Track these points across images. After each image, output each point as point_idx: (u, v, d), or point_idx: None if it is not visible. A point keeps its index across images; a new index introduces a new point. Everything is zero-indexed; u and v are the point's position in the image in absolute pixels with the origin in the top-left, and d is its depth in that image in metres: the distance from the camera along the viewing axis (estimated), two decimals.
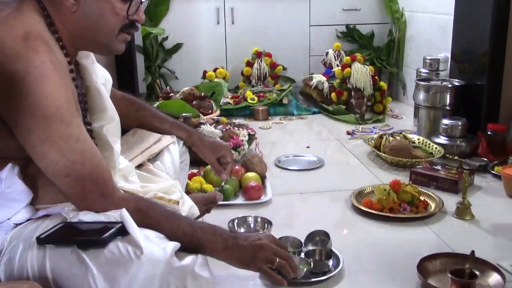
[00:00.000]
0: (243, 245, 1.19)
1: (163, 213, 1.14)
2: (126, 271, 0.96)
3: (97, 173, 1.06)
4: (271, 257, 1.21)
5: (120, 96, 1.51)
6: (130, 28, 1.18)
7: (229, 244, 1.17)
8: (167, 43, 3.84)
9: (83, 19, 1.12)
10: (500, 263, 1.50)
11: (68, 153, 1.02)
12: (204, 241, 1.14)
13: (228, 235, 1.20)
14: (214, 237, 1.16)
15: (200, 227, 1.16)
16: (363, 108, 3.36)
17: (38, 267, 0.99)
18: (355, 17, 3.97)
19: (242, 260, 1.19)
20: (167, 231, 1.10)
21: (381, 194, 1.92)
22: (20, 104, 0.99)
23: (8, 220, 1.07)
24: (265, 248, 1.21)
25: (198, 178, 2.04)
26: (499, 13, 2.40)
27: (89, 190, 1.05)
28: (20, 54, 0.99)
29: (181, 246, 1.10)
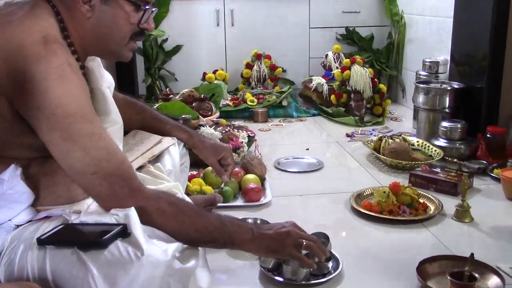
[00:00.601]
0: (269, 234, 1.21)
1: (192, 207, 1.16)
2: (126, 272, 0.97)
3: (123, 169, 1.06)
4: (298, 241, 1.24)
5: (121, 98, 1.51)
6: (139, 36, 1.20)
7: (256, 235, 1.19)
8: (167, 44, 3.84)
9: (96, 26, 1.13)
10: (500, 266, 1.50)
11: (92, 150, 1.02)
12: (232, 233, 1.16)
13: (253, 226, 1.23)
14: (240, 229, 1.18)
15: (228, 220, 1.18)
16: (362, 110, 3.37)
17: (38, 268, 0.99)
18: (354, 19, 3.98)
19: (271, 248, 1.22)
20: (199, 224, 1.12)
21: (380, 196, 1.92)
22: (42, 104, 1.00)
23: (9, 221, 1.08)
24: (292, 233, 1.24)
25: (198, 180, 2.04)
26: (499, 16, 2.40)
27: (118, 186, 1.05)
28: (40, 56, 1.01)
29: (212, 240, 1.14)
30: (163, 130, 1.59)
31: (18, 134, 1.07)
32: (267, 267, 1.48)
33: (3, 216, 1.07)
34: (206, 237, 1.13)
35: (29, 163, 1.09)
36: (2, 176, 1.08)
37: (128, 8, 1.14)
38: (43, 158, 1.14)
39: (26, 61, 1.00)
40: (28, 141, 1.09)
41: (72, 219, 1.07)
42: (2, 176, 1.08)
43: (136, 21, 1.16)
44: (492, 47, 2.44)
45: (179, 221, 1.09)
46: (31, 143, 1.10)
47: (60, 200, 1.13)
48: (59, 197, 1.13)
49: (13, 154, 1.10)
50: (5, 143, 1.09)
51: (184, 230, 1.10)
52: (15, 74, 1.00)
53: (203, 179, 2.09)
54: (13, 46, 1.02)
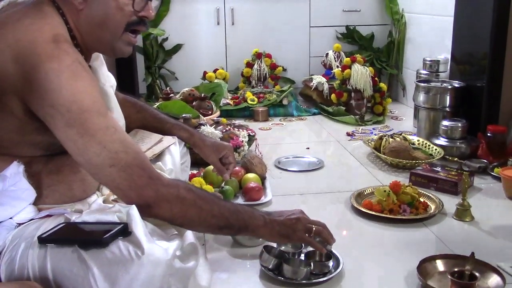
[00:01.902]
0: (280, 220, 1.27)
1: (208, 195, 1.18)
2: (127, 271, 0.97)
3: (141, 159, 1.08)
4: (308, 226, 1.31)
5: (121, 98, 1.52)
6: (138, 25, 1.18)
7: (267, 221, 1.24)
8: (167, 43, 3.84)
9: (90, 17, 1.13)
10: (500, 265, 1.50)
11: (109, 143, 1.03)
12: (247, 219, 1.20)
13: (264, 212, 1.28)
14: (253, 215, 1.22)
15: (241, 207, 1.23)
16: (363, 109, 3.36)
17: (39, 266, 0.99)
18: (355, 18, 3.98)
19: (283, 233, 1.27)
20: (217, 210, 1.14)
21: (381, 195, 1.92)
22: (56, 101, 1.01)
23: (11, 219, 1.08)
24: (301, 219, 1.30)
25: (198, 179, 2.04)
26: (499, 15, 2.40)
27: (137, 176, 1.06)
28: (53, 54, 1.02)
29: (229, 225, 1.17)
30: (163, 129, 1.59)
31: (27, 132, 1.08)
32: (268, 266, 1.48)
33: (5, 213, 1.07)
34: (223, 222, 1.16)
35: (32, 160, 1.09)
36: (4, 173, 1.08)
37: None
38: (47, 156, 1.15)
39: (38, 59, 1.01)
40: (37, 139, 1.10)
41: (74, 218, 1.07)
42: (5, 173, 1.08)
43: (128, 7, 1.14)
44: (493, 46, 2.44)
45: (197, 207, 1.10)
46: (39, 141, 1.11)
47: (62, 199, 1.13)
48: (61, 196, 1.13)
49: (17, 152, 1.10)
50: (13, 141, 1.10)
51: (202, 217, 1.12)
52: (27, 72, 1.01)
53: (203, 178, 2.08)
54: (24, 45, 1.02)
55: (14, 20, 1.06)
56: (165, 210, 1.08)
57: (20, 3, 1.13)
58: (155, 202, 1.07)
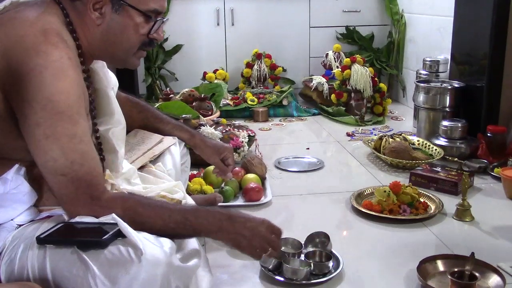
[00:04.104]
0: (239, 229, 1.17)
1: (153, 207, 1.11)
2: (127, 272, 0.97)
3: (93, 176, 1.05)
4: (265, 245, 1.20)
5: (123, 97, 1.52)
6: (148, 45, 1.20)
7: (224, 226, 1.15)
8: (167, 44, 3.84)
9: (105, 34, 1.13)
10: (500, 265, 1.50)
11: (69, 152, 1.02)
12: (197, 225, 1.13)
13: (224, 216, 1.17)
14: (206, 221, 1.14)
15: (192, 213, 1.14)
16: (363, 109, 3.37)
17: (38, 267, 0.99)
18: (355, 18, 3.98)
19: (237, 242, 1.18)
20: (159, 224, 1.09)
21: (381, 195, 1.92)
22: (33, 97, 1.00)
23: (12, 220, 1.08)
24: (262, 236, 1.19)
25: (198, 180, 2.04)
26: (499, 15, 2.40)
27: (81, 192, 1.04)
28: (40, 48, 1.00)
29: (177, 235, 1.11)
30: (164, 130, 1.59)
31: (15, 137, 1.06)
32: (268, 266, 1.48)
33: (6, 216, 1.07)
34: (170, 233, 1.10)
35: (33, 164, 1.09)
36: (6, 176, 1.08)
37: (139, 19, 1.13)
38: None
39: (26, 54, 1.00)
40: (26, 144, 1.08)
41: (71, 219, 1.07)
42: (6, 176, 1.08)
43: (145, 31, 1.15)
44: (493, 46, 2.44)
45: (137, 224, 1.06)
46: None
47: None
48: None
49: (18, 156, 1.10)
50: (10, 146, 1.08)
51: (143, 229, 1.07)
52: (13, 67, 1.00)
53: (203, 178, 2.09)
54: (14, 39, 1.01)
55: (11, 18, 1.05)
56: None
57: (23, 3, 1.12)
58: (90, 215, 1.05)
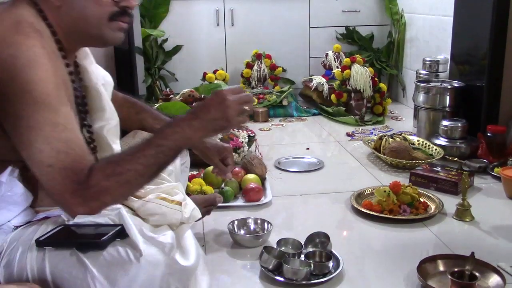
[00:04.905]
0: (209, 115, 1.12)
1: (126, 158, 1.07)
2: (126, 273, 0.97)
3: (79, 163, 1.02)
4: (239, 108, 1.14)
5: (121, 98, 1.51)
6: (122, 16, 1.15)
7: (195, 125, 1.11)
8: (167, 45, 3.84)
9: (69, 13, 1.11)
10: (500, 265, 1.50)
11: (54, 141, 1.00)
12: (172, 144, 1.08)
13: (188, 119, 1.12)
14: (177, 134, 1.09)
15: (160, 137, 1.09)
16: (362, 109, 3.37)
17: (38, 269, 0.99)
18: (354, 18, 3.98)
19: (217, 128, 1.14)
20: (141, 169, 1.05)
21: (381, 195, 1.92)
22: (9, 90, 0.98)
23: (8, 222, 1.07)
24: (230, 104, 1.13)
25: (198, 180, 2.04)
26: (499, 15, 2.40)
27: (69, 181, 1.01)
28: (12, 40, 0.99)
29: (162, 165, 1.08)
30: None
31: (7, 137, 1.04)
32: (268, 267, 1.48)
33: (2, 218, 1.07)
34: (156, 169, 1.08)
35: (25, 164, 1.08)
36: (0, 178, 1.07)
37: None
38: None
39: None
40: None
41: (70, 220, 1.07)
42: (1, 178, 1.07)
43: (108, 0, 1.11)
44: (492, 45, 2.44)
45: (124, 184, 1.04)
46: None
47: None
48: None
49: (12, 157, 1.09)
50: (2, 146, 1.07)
51: (135, 185, 1.06)
52: None
53: (203, 179, 2.09)
54: None
55: None
56: (97, 208, 1.04)
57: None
58: (84, 207, 1.02)
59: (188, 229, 1.24)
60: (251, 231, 1.75)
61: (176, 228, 1.20)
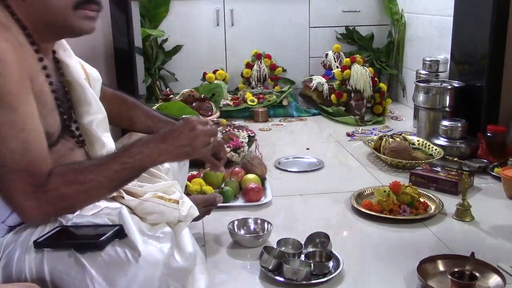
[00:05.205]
0: (176, 142, 1.14)
1: (90, 169, 1.06)
2: (125, 273, 0.96)
3: (36, 165, 1.00)
4: (207, 139, 1.17)
5: (110, 94, 1.48)
6: (88, 4, 1.12)
7: (162, 149, 1.12)
8: (167, 45, 3.84)
9: (35, 6, 1.09)
10: (500, 265, 1.50)
11: (10, 141, 0.97)
12: (137, 163, 1.09)
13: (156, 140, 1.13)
14: (143, 154, 1.10)
15: (126, 154, 1.09)
16: (362, 109, 3.37)
17: (36, 270, 0.98)
18: (354, 18, 3.98)
19: (182, 154, 1.16)
20: (103, 182, 1.05)
21: (381, 195, 1.92)
22: None
23: (2, 223, 1.06)
24: (199, 134, 1.15)
25: (198, 180, 2.04)
26: (499, 15, 2.40)
27: (24, 183, 0.98)
28: None
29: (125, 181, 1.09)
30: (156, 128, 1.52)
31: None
32: (268, 267, 1.48)
33: None
34: (117, 184, 1.08)
35: None
36: None
37: None
38: None
39: None
40: None
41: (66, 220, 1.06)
42: None
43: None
44: (492, 45, 2.44)
45: (84, 193, 1.03)
46: None
47: None
48: None
49: None
50: None
51: (94, 196, 1.05)
52: None
53: (203, 179, 2.09)
54: None
55: None
56: (50, 213, 1.02)
57: None
58: (37, 211, 1.00)
59: (186, 227, 1.24)
60: (251, 231, 1.75)
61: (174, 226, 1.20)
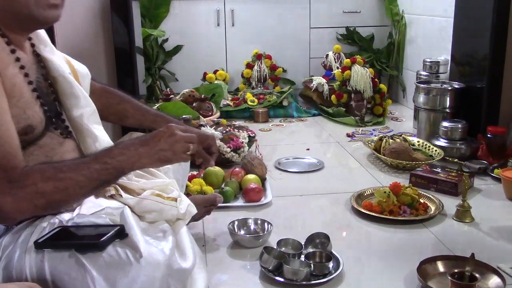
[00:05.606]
0: (157, 146, 1.14)
1: (70, 167, 1.06)
2: (126, 274, 0.96)
3: (7, 160, 0.99)
4: (186, 145, 1.17)
5: (99, 88, 1.47)
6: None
7: (142, 152, 1.12)
8: (167, 45, 3.84)
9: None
10: (500, 266, 1.50)
11: None
12: (117, 164, 1.08)
13: (136, 144, 1.13)
14: (124, 156, 1.10)
15: (108, 155, 1.09)
16: (363, 110, 3.37)
17: (37, 271, 0.98)
18: (355, 19, 3.98)
19: (162, 159, 1.15)
20: (83, 181, 1.04)
21: (381, 196, 1.92)
22: None
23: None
24: (179, 139, 1.16)
25: (198, 180, 2.04)
26: (499, 16, 2.40)
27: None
28: None
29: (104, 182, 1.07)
30: (146, 121, 1.55)
31: None
32: (268, 267, 1.48)
33: None
34: (96, 185, 1.07)
35: None
36: None
37: None
38: None
39: None
40: None
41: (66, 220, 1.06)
42: None
43: None
44: (493, 47, 2.44)
45: (62, 191, 1.02)
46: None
47: None
48: None
49: None
50: None
51: (72, 195, 1.04)
52: None
53: (203, 179, 2.09)
54: None
55: None
56: (26, 210, 1.00)
57: None
58: (13, 207, 0.98)
59: (184, 225, 1.24)
60: (251, 232, 1.75)
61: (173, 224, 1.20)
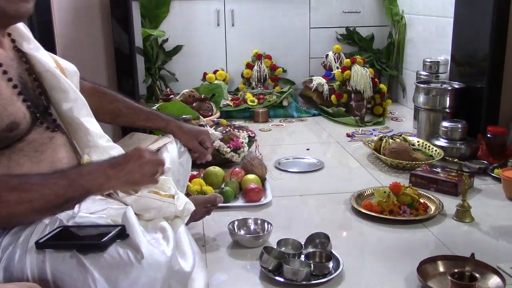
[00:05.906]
0: (126, 168, 1.11)
1: (38, 179, 1.04)
2: (127, 275, 0.96)
3: None
4: (153, 169, 1.15)
5: (89, 88, 1.46)
6: None
7: (110, 173, 1.09)
8: (167, 45, 3.84)
9: None
10: (500, 266, 1.50)
11: None
12: (85, 183, 1.06)
13: (104, 165, 1.11)
14: (91, 175, 1.08)
15: (76, 173, 1.07)
16: (363, 110, 3.37)
17: (38, 271, 0.98)
18: (355, 19, 3.98)
19: (130, 181, 1.13)
20: (48, 195, 1.02)
21: (381, 196, 1.92)
22: None
23: None
24: (147, 162, 1.14)
25: (198, 180, 2.04)
26: (499, 16, 2.40)
27: None
28: None
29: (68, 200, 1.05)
30: (139, 120, 1.54)
31: None
32: (268, 267, 1.48)
33: None
34: (61, 202, 1.04)
35: None
36: None
37: None
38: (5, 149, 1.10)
39: None
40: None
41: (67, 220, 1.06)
42: None
43: None
44: (493, 47, 2.44)
45: (26, 203, 0.99)
46: None
47: None
48: None
49: None
50: None
51: (36, 209, 1.02)
52: None
53: (203, 179, 2.09)
54: None
55: None
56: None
57: None
58: None
59: (182, 224, 1.23)
60: (251, 232, 1.75)
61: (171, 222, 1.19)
